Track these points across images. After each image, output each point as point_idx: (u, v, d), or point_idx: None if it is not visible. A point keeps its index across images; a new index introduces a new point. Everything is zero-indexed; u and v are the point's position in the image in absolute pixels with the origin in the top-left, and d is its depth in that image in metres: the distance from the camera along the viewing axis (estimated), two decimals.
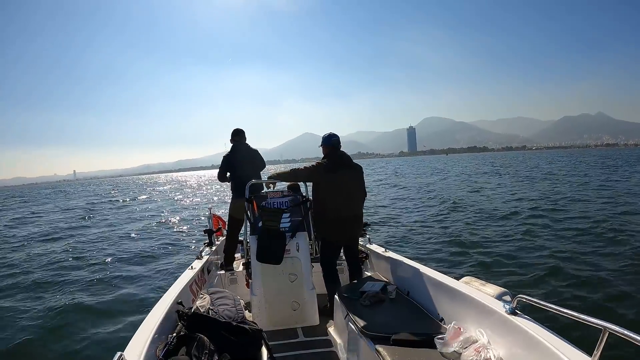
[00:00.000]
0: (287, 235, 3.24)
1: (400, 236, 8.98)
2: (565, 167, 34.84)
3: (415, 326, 2.23)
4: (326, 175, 3.16)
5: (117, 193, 41.98)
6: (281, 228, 3.27)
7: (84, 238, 11.83)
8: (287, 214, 3.36)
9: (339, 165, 3.23)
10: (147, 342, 1.71)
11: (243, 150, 4.35)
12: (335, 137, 3.32)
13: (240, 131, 4.41)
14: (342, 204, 3.18)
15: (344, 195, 3.18)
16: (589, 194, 14.13)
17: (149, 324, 1.91)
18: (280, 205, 3.39)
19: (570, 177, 22.74)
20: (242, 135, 4.40)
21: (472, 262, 6.44)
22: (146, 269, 7.59)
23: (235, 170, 4.27)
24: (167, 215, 16.99)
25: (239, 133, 4.39)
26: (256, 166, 4.33)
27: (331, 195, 3.16)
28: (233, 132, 4.42)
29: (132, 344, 1.70)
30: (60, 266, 8.14)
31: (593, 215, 9.78)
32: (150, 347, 1.70)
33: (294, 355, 2.68)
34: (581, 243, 7.11)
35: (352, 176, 3.27)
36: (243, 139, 4.41)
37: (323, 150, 3.34)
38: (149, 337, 1.76)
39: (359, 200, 3.34)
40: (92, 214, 19.49)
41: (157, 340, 1.81)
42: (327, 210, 3.18)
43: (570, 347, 1.51)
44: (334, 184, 3.16)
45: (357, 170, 3.34)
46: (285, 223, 3.31)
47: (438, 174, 34.82)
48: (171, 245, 9.84)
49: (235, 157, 4.30)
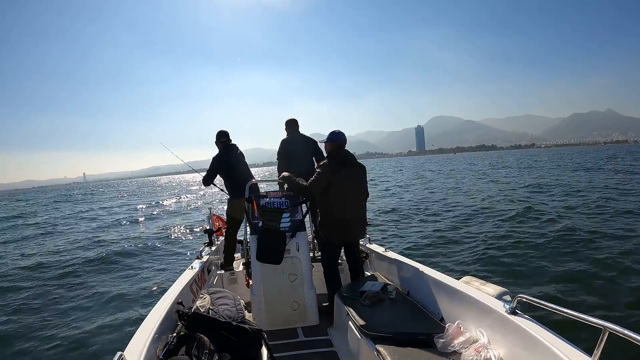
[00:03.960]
0: (287, 235, 3.23)
1: (400, 236, 8.99)
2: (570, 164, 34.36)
3: (416, 326, 2.23)
4: (333, 176, 3.12)
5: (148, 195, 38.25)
6: (281, 228, 3.26)
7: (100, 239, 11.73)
8: (287, 213, 3.35)
9: (343, 164, 3.19)
10: (147, 342, 1.71)
11: (234, 150, 4.34)
12: (344, 136, 3.25)
13: (227, 133, 4.37)
14: (347, 204, 3.15)
15: (348, 195, 3.15)
16: (589, 194, 14.12)
17: (149, 324, 1.91)
18: (280, 205, 3.38)
19: (573, 174, 22.64)
20: (227, 136, 4.37)
21: (473, 261, 6.44)
22: (146, 268, 7.59)
23: (232, 171, 4.25)
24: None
25: (226, 134, 4.35)
26: (247, 166, 4.34)
27: (336, 195, 3.13)
28: (220, 134, 4.32)
29: (133, 343, 1.70)
30: (60, 266, 8.15)
31: (593, 216, 9.78)
32: (150, 347, 1.70)
33: (294, 355, 2.68)
34: (581, 243, 7.10)
35: (355, 175, 3.24)
36: (229, 140, 4.37)
37: (327, 147, 3.29)
38: (149, 337, 1.76)
39: (362, 200, 3.32)
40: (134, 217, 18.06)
41: (157, 340, 1.81)
42: (334, 210, 3.14)
43: (570, 346, 1.51)
44: (338, 185, 3.12)
45: (361, 170, 3.30)
46: (285, 223, 3.31)
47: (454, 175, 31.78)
48: (171, 246, 9.85)
49: (231, 157, 4.28)
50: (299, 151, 4.14)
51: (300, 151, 4.14)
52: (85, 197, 45.20)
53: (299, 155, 4.10)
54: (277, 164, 4.17)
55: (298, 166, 3.88)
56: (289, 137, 4.29)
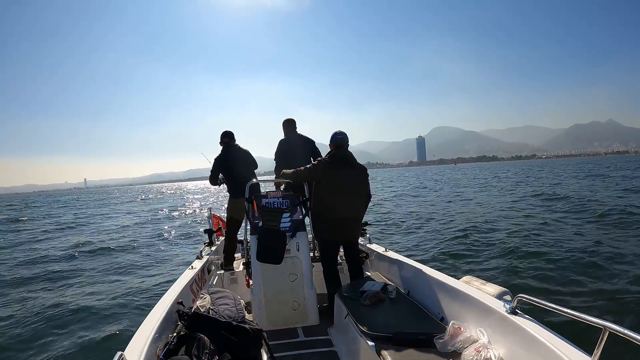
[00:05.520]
0: (287, 235, 3.23)
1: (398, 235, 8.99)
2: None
3: (416, 326, 2.23)
4: (326, 172, 3.11)
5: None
6: (281, 228, 3.26)
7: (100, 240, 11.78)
8: (287, 213, 3.35)
9: (341, 163, 3.17)
10: (147, 342, 1.71)
11: (236, 151, 4.34)
12: (340, 135, 3.24)
13: (230, 133, 4.39)
14: (341, 204, 3.13)
15: (343, 194, 3.13)
16: (590, 195, 14.11)
17: (150, 324, 1.91)
18: (280, 205, 3.38)
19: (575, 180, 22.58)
20: (231, 137, 4.38)
21: (473, 261, 6.44)
22: (146, 269, 7.59)
23: (232, 171, 4.25)
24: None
25: (228, 135, 4.37)
26: (250, 166, 4.32)
27: (330, 193, 3.12)
28: (223, 134, 4.38)
29: (133, 343, 1.70)
30: (60, 266, 8.15)
31: (594, 215, 9.77)
32: (150, 347, 1.70)
33: (294, 355, 2.67)
34: (581, 243, 7.10)
35: (353, 176, 3.21)
36: (233, 140, 4.38)
37: (330, 147, 3.30)
38: (149, 337, 1.75)
39: (360, 201, 3.28)
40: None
41: (157, 340, 1.81)
42: (325, 209, 3.15)
43: (571, 346, 1.51)
44: (334, 183, 3.11)
45: (360, 171, 3.27)
46: (285, 223, 3.31)
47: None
48: (171, 246, 9.85)
49: (228, 158, 4.28)
50: (297, 151, 4.14)
51: (298, 151, 4.14)
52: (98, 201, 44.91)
53: (297, 156, 4.09)
54: (275, 165, 4.18)
55: (296, 167, 3.88)
56: (287, 137, 4.29)
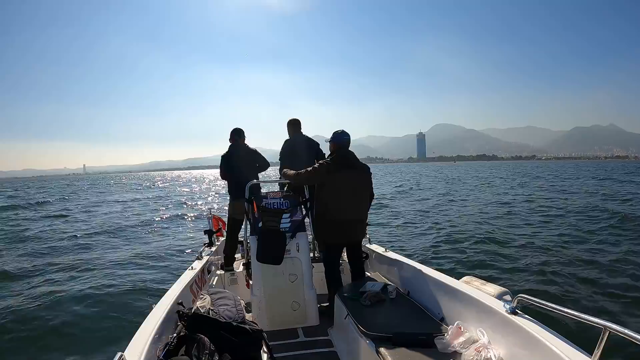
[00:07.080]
0: (287, 235, 3.23)
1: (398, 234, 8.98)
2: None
3: (416, 326, 2.23)
4: (328, 176, 3.07)
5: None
6: (281, 228, 3.27)
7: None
8: (287, 214, 3.35)
9: (343, 165, 3.12)
10: (147, 343, 1.71)
11: (241, 150, 4.32)
12: (347, 136, 3.21)
13: (241, 131, 4.35)
14: (344, 206, 3.09)
15: (346, 196, 3.09)
16: (590, 196, 14.11)
17: (150, 325, 1.91)
18: (280, 205, 3.38)
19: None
20: (241, 135, 4.35)
21: (473, 261, 6.44)
22: (146, 269, 7.59)
23: (234, 171, 4.24)
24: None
25: (238, 132, 4.33)
26: (254, 167, 4.28)
27: (333, 196, 3.08)
28: (233, 131, 4.35)
29: (133, 344, 1.70)
30: (60, 266, 8.14)
31: (594, 215, 9.77)
32: (150, 348, 1.70)
33: (294, 356, 2.67)
34: (582, 243, 7.10)
35: (356, 177, 3.16)
36: (242, 138, 4.36)
37: (330, 147, 3.27)
38: (149, 338, 1.75)
39: (363, 202, 3.23)
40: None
41: (157, 341, 1.81)
42: (328, 211, 3.11)
43: (571, 346, 1.51)
44: (336, 185, 3.08)
45: (363, 171, 3.21)
46: (285, 223, 3.31)
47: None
48: (171, 246, 9.84)
49: (233, 158, 4.27)
50: (301, 153, 4.11)
51: (302, 153, 4.11)
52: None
53: (301, 157, 4.07)
54: (279, 165, 4.16)
55: (300, 168, 3.87)
56: (292, 138, 4.26)
